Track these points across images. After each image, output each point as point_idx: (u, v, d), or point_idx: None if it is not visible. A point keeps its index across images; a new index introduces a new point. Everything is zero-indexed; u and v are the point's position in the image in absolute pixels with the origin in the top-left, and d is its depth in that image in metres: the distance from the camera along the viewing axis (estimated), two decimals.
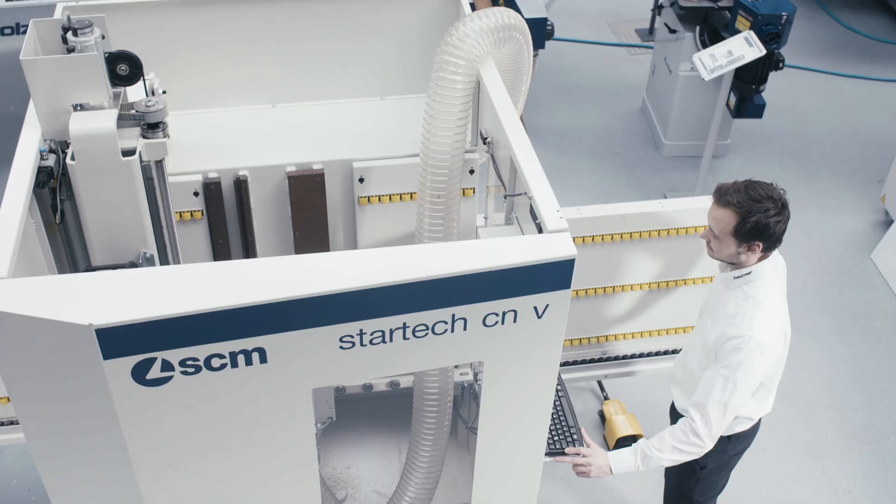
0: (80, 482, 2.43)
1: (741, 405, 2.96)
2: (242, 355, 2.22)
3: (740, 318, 2.89)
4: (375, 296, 2.20)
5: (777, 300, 2.98)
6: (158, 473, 2.40)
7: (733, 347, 2.87)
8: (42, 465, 2.40)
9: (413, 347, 2.35)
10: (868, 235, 6.03)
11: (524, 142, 2.65)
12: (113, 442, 2.30)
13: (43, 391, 2.23)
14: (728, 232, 2.85)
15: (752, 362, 2.87)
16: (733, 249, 2.88)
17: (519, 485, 2.96)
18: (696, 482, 3.36)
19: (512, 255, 2.28)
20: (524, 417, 2.69)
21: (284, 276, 2.20)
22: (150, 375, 2.19)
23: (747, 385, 2.90)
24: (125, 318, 2.07)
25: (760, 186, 2.84)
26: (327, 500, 3.53)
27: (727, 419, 2.95)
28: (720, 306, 3.01)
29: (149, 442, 2.32)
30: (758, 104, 5.95)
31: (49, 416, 2.28)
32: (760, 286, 2.93)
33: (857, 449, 4.61)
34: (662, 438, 2.99)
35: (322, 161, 3.25)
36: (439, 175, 2.93)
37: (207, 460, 2.42)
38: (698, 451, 2.97)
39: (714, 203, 2.89)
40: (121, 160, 2.62)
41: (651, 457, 2.98)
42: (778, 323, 2.95)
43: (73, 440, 2.32)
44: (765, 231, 2.81)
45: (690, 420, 2.95)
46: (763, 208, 2.79)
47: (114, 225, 2.76)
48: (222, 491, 2.51)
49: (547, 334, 2.45)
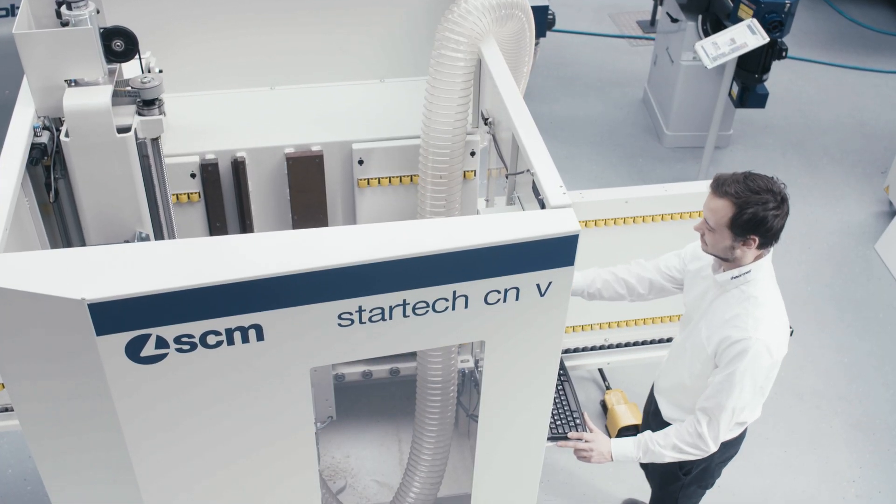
0: (74, 464, 2.39)
1: (749, 409, 2.89)
2: (239, 332, 2.18)
3: (743, 320, 2.76)
4: (374, 271, 2.16)
5: (778, 299, 2.86)
6: (153, 454, 2.35)
7: (739, 351, 2.74)
8: (35, 448, 2.35)
9: (413, 325, 2.30)
10: (872, 226, 5.99)
11: (526, 118, 2.61)
12: (107, 422, 2.25)
13: (35, 370, 2.18)
14: (724, 224, 2.69)
15: (759, 364, 2.75)
16: (728, 243, 2.73)
17: (521, 470, 2.91)
18: (679, 488, 3.31)
19: (514, 231, 2.23)
20: (526, 399, 2.64)
21: (281, 251, 2.16)
22: (145, 353, 2.14)
23: (755, 388, 2.81)
24: (118, 292, 2.02)
25: (760, 178, 2.70)
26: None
27: (734, 423, 2.89)
28: (716, 311, 2.86)
29: (144, 422, 2.27)
30: (760, 94, 5.91)
31: (42, 396, 2.23)
32: (760, 285, 2.80)
33: (860, 439, 4.57)
34: (667, 435, 2.92)
35: (321, 142, 3.20)
36: (441, 154, 2.89)
37: (203, 441, 2.37)
38: (701, 453, 2.91)
39: (711, 193, 2.74)
40: (116, 137, 2.58)
41: (653, 451, 2.92)
42: (781, 321, 2.84)
43: (67, 420, 2.27)
44: (762, 224, 2.65)
45: (697, 423, 2.88)
46: (761, 200, 2.64)
47: (109, 204, 2.72)
48: (218, 472, 2.46)
49: (550, 313, 2.40)
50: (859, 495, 4.30)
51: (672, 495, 3.35)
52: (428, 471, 3.43)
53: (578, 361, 3.93)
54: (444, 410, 3.29)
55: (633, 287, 3.21)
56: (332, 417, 3.60)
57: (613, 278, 3.22)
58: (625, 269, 3.24)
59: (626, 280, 3.21)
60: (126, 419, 2.24)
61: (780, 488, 4.33)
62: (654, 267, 3.21)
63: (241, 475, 2.50)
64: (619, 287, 3.21)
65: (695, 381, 2.97)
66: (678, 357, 3.09)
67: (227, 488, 2.52)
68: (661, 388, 3.24)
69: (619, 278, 3.22)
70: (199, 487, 2.49)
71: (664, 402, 3.22)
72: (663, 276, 3.19)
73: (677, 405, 3.14)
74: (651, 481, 3.49)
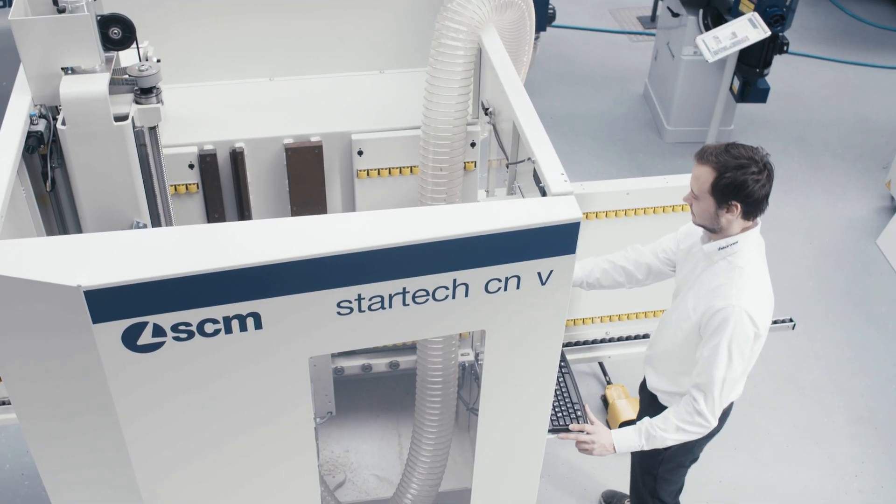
0: (70, 454, 2.36)
1: (741, 377, 2.90)
2: (237, 320, 2.15)
3: (727, 289, 2.79)
4: (374, 258, 2.13)
5: (763, 270, 2.89)
6: (150, 445, 2.32)
7: (722, 319, 2.77)
8: (32, 440, 2.32)
9: (413, 314, 2.28)
10: (873, 221, 5.97)
11: (527, 106, 2.58)
12: (103, 411, 2.22)
13: (30, 359, 2.15)
14: (706, 190, 2.75)
15: (744, 332, 2.78)
16: (712, 210, 2.78)
17: (522, 462, 2.89)
18: (659, 462, 3.31)
19: (515, 218, 2.20)
20: (527, 390, 2.62)
21: (280, 238, 2.13)
22: (142, 341, 2.12)
23: (742, 355, 2.82)
24: (115, 279, 2.00)
25: (743, 147, 2.77)
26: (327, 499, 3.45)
27: (728, 393, 2.88)
28: (703, 281, 2.90)
29: (141, 411, 2.25)
30: (762, 88, 5.89)
31: (38, 386, 2.21)
32: (747, 257, 2.84)
33: (863, 434, 4.55)
34: (667, 418, 2.92)
35: (320, 133, 3.18)
36: (441, 145, 2.87)
37: (201, 431, 2.34)
38: (703, 430, 2.91)
39: (695, 162, 2.82)
40: (113, 125, 2.56)
41: (655, 436, 2.91)
42: (766, 293, 2.87)
43: (63, 410, 2.24)
44: (742, 188, 2.70)
45: (693, 400, 2.88)
46: (741, 165, 2.70)
47: (106, 193, 2.69)
48: (216, 462, 2.43)
49: (551, 302, 2.38)
50: (862, 490, 4.28)
51: (651, 472, 3.36)
52: (429, 465, 3.40)
53: (579, 355, 3.91)
54: (445, 404, 3.27)
55: (632, 273, 3.25)
56: (331, 413, 3.57)
57: (611, 266, 3.27)
58: (622, 256, 3.28)
59: (623, 267, 3.25)
60: (123, 409, 2.22)
61: (782, 483, 4.30)
62: (651, 251, 3.25)
63: (240, 466, 2.47)
64: (618, 275, 3.26)
65: (677, 349, 3.02)
66: (665, 327, 3.14)
67: (226, 479, 2.49)
68: (648, 358, 3.29)
69: (616, 266, 3.26)
70: (196, 478, 2.46)
71: (650, 372, 3.27)
72: (660, 260, 3.23)
73: (659, 373, 3.19)
74: (632, 457, 3.48)
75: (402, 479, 3.47)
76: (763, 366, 4.84)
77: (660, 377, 3.19)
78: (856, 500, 4.23)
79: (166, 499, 2.45)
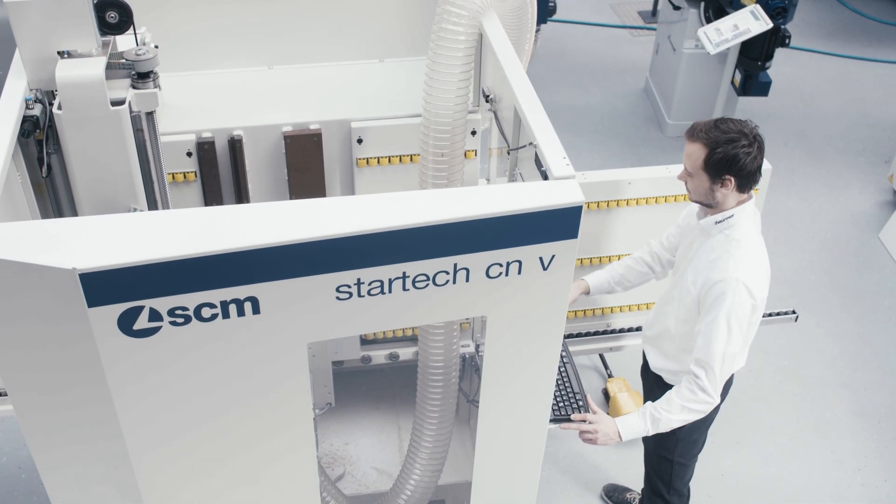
0: (66, 442, 2.32)
1: (740, 350, 2.88)
2: (234, 305, 2.12)
3: (724, 262, 2.82)
4: (373, 242, 2.10)
5: (759, 242, 2.92)
6: (147, 432, 2.28)
7: (719, 292, 2.79)
8: (27, 427, 2.28)
9: (413, 299, 2.25)
10: (876, 215, 5.94)
11: (529, 91, 2.55)
12: (99, 398, 2.19)
13: (25, 344, 2.11)
14: (699, 166, 2.78)
15: (742, 304, 2.79)
16: (707, 186, 2.80)
17: (523, 453, 2.85)
18: (675, 443, 3.29)
19: (517, 202, 2.17)
20: (528, 378, 2.58)
21: (278, 221, 2.10)
22: (138, 326, 2.09)
23: (741, 328, 2.82)
24: (111, 262, 1.96)
25: (731, 121, 2.80)
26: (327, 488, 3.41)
27: (728, 367, 2.87)
28: (700, 255, 2.93)
29: (137, 398, 2.21)
30: (763, 81, 5.87)
31: (32, 371, 2.17)
32: (743, 229, 2.86)
33: (866, 428, 4.52)
34: (670, 399, 2.89)
35: (319, 121, 3.15)
36: (442, 130, 2.83)
37: (198, 418, 2.31)
38: (707, 407, 2.89)
39: (686, 140, 2.84)
40: (109, 109, 2.53)
41: (660, 419, 2.88)
42: (762, 264, 2.89)
43: (57, 396, 2.20)
44: (734, 162, 2.73)
45: (694, 377, 2.87)
46: (731, 139, 2.73)
47: (102, 179, 2.66)
48: (214, 450, 2.40)
49: (553, 287, 2.34)
50: (865, 484, 4.25)
51: (668, 458, 3.34)
52: (429, 457, 3.37)
53: (581, 347, 3.88)
54: (446, 396, 3.23)
55: (652, 265, 3.34)
56: (330, 404, 3.54)
57: (633, 262, 3.37)
58: (639, 253, 3.38)
59: (643, 259, 3.35)
60: (119, 395, 2.18)
61: (784, 477, 4.27)
62: (659, 243, 3.33)
63: (238, 454, 2.44)
64: (641, 267, 3.35)
65: (680, 325, 3.03)
66: (665, 304, 3.15)
67: (224, 467, 2.46)
68: (648, 338, 3.30)
69: (637, 260, 3.36)
70: (193, 466, 2.43)
71: (650, 351, 3.28)
72: (666, 248, 3.28)
73: (662, 353, 3.20)
74: (646, 441, 3.47)
75: (403, 469, 3.44)
76: (765, 359, 4.82)
77: (663, 357, 3.19)
78: (858, 494, 4.20)
79: (163, 487, 2.41)
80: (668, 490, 3.42)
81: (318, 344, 2.82)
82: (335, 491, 3.38)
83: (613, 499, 4.10)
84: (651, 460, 3.49)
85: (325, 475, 3.32)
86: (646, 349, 3.34)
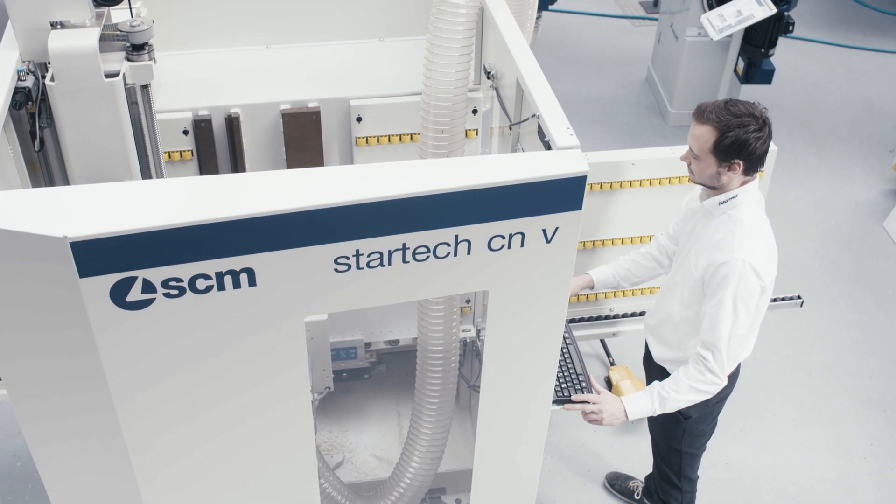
0: (57, 419, 2.26)
1: (747, 333, 2.83)
2: (230, 276, 2.07)
3: (728, 243, 2.75)
4: (373, 211, 2.05)
5: (765, 222, 2.85)
6: (140, 407, 2.23)
7: (725, 274, 2.72)
8: (17, 403, 2.22)
9: (413, 272, 2.19)
10: (880, 204, 5.89)
11: (531, 62, 2.50)
12: (91, 372, 2.13)
13: (14, 317, 2.05)
14: (707, 150, 2.71)
15: (748, 286, 2.72)
16: (713, 169, 2.74)
17: (525, 436, 2.80)
18: (682, 433, 3.24)
19: (520, 171, 2.12)
20: (531, 357, 2.53)
21: (275, 190, 2.05)
22: (131, 297, 2.03)
23: (748, 310, 2.76)
24: (103, 230, 1.91)
25: (741, 103, 2.72)
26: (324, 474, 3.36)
27: (735, 349, 2.81)
28: (703, 237, 2.86)
29: (130, 372, 2.16)
30: (767, 69, 5.82)
31: (22, 345, 2.11)
32: (747, 210, 2.80)
33: (871, 416, 4.47)
34: (678, 380, 2.84)
35: (318, 99, 3.10)
36: (443, 106, 2.78)
37: (192, 394, 2.25)
38: (715, 388, 2.84)
39: (694, 121, 2.76)
40: (103, 81, 2.47)
41: (668, 398, 2.83)
42: (768, 245, 2.82)
43: (49, 370, 2.15)
44: (744, 147, 2.66)
45: (702, 359, 2.82)
46: (742, 123, 2.66)
47: (96, 154, 2.61)
48: (209, 428, 2.34)
49: (556, 261, 2.29)
50: (871, 472, 4.20)
51: (676, 448, 3.28)
52: (429, 443, 3.31)
53: (581, 332, 3.82)
54: (446, 380, 3.18)
55: (659, 259, 3.28)
56: (329, 388, 3.47)
57: (639, 257, 3.31)
58: (646, 248, 3.32)
59: (650, 254, 3.29)
60: (111, 369, 2.13)
61: (789, 465, 4.22)
62: (666, 235, 3.26)
63: (232, 432, 2.38)
64: (647, 261, 3.29)
65: (683, 310, 2.96)
66: (668, 290, 3.07)
67: (217, 445, 2.40)
68: (650, 326, 3.23)
69: (643, 255, 3.31)
70: (187, 444, 2.36)
71: (653, 342, 3.21)
72: (674, 240, 3.20)
73: (664, 342, 3.12)
74: (653, 431, 3.40)
75: (402, 456, 3.39)
76: (769, 348, 4.76)
77: (666, 347, 3.11)
78: (865, 483, 4.15)
79: (156, 465, 2.36)
80: (679, 477, 3.37)
81: (317, 326, 2.76)
82: (333, 478, 3.32)
83: (616, 487, 4.05)
84: (660, 450, 3.44)
85: (323, 462, 3.26)
86: (648, 339, 3.27)
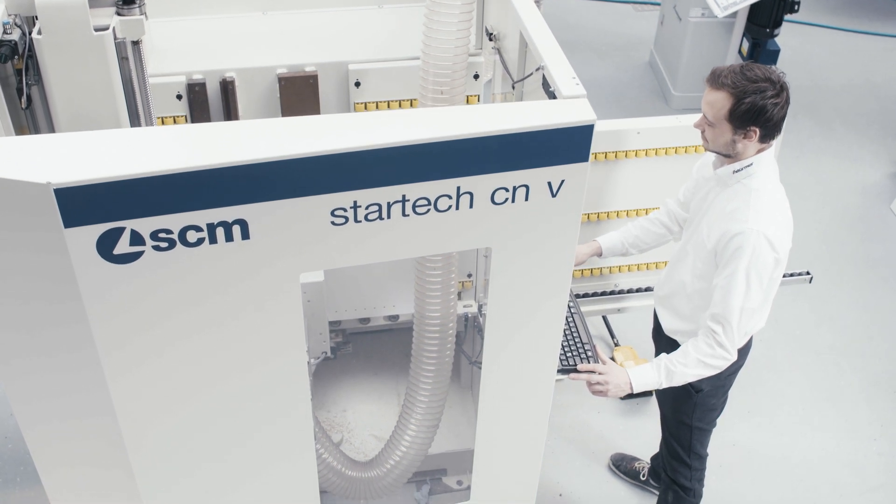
0: (42, 382, 2.17)
1: (760, 307, 2.72)
2: (222, 228, 1.98)
3: (743, 213, 2.64)
4: (371, 159, 1.96)
5: (780, 192, 2.75)
6: (128, 366, 2.14)
7: (738, 245, 2.62)
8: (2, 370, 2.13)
9: (413, 226, 2.10)
10: (887, 186, 5.81)
11: (534, 13, 2.41)
12: (77, 328, 2.04)
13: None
14: (723, 116, 2.59)
15: (762, 257, 2.62)
16: (729, 137, 2.62)
17: (528, 410, 2.71)
18: (693, 407, 3.13)
19: (525, 119, 2.03)
20: (535, 322, 2.44)
21: (269, 137, 1.96)
22: (118, 250, 1.94)
23: (761, 283, 2.65)
24: (89, 176, 1.83)
25: (758, 67, 2.60)
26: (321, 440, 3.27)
27: (747, 323, 2.71)
28: (716, 206, 2.76)
29: (118, 330, 2.07)
30: (771, 50, 5.74)
31: (4, 301, 2.02)
32: (763, 178, 2.69)
33: (881, 397, 4.39)
34: (686, 353, 2.74)
35: (315, 63, 3.02)
36: (443, 66, 2.69)
37: (183, 352, 2.16)
38: (724, 363, 2.73)
39: (708, 87, 2.65)
40: (92, 34, 2.39)
41: (675, 371, 2.74)
42: (784, 216, 2.72)
43: (32, 328, 2.05)
44: (761, 113, 2.55)
45: (712, 332, 2.72)
46: (759, 88, 2.54)
47: (86, 114, 2.52)
48: (201, 389, 2.25)
49: (562, 217, 2.20)
50: (881, 453, 4.11)
51: (686, 423, 3.18)
52: (425, 412, 3.21)
53: (588, 307, 3.74)
54: (443, 350, 3.09)
55: (669, 225, 3.17)
56: (326, 353, 3.38)
57: (647, 223, 3.20)
58: (655, 214, 3.21)
59: (659, 220, 3.19)
60: (99, 326, 2.04)
61: (799, 446, 4.13)
62: (675, 201, 3.15)
63: (225, 393, 2.29)
64: (657, 228, 3.18)
65: (695, 282, 2.86)
66: (679, 261, 2.96)
67: (212, 409, 2.31)
68: (660, 297, 3.12)
69: (652, 221, 3.20)
70: (177, 405, 2.27)
71: (663, 313, 3.10)
72: (684, 207, 3.10)
73: (676, 313, 3.02)
74: (663, 406, 3.30)
75: (398, 424, 3.28)
76: (777, 329, 4.68)
77: (677, 318, 3.01)
78: (875, 464, 4.06)
79: (144, 427, 2.26)
80: (689, 454, 3.26)
81: (314, 288, 2.68)
82: (329, 443, 3.23)
83: (621, 468, 3.96)
84: (669, 425, 3.33)
85: (319, 427, 3.17)
86: (658, 311, 3.17)
